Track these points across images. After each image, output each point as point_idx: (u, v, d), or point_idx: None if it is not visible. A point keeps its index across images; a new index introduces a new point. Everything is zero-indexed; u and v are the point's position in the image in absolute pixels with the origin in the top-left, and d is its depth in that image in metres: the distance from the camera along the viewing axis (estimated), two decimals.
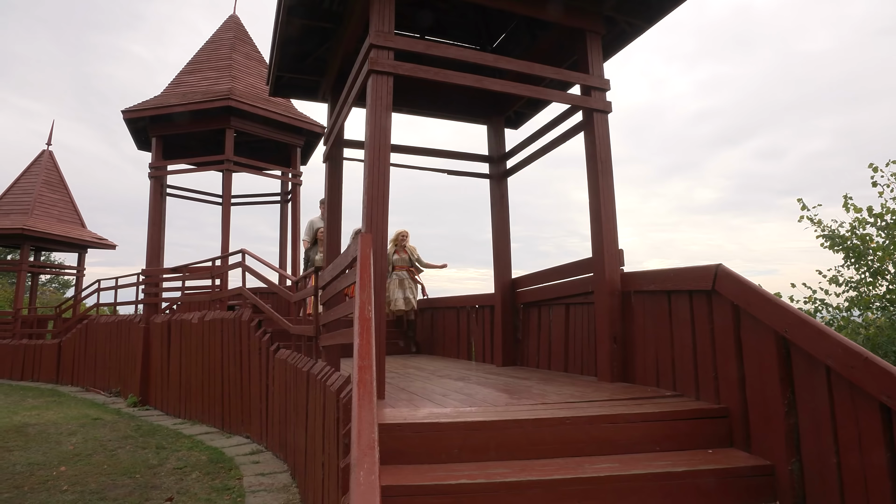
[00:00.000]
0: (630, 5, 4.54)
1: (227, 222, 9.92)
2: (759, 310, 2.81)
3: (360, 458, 1.89)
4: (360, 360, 2.42)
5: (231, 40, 11.50)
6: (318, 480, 3.84)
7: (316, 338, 4.64)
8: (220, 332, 7.69)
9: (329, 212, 5.39)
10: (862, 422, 2.31)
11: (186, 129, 10.26)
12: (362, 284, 2.91)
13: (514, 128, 6.61)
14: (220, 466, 5.53)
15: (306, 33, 5.07)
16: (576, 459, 2.69)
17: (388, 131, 3.74)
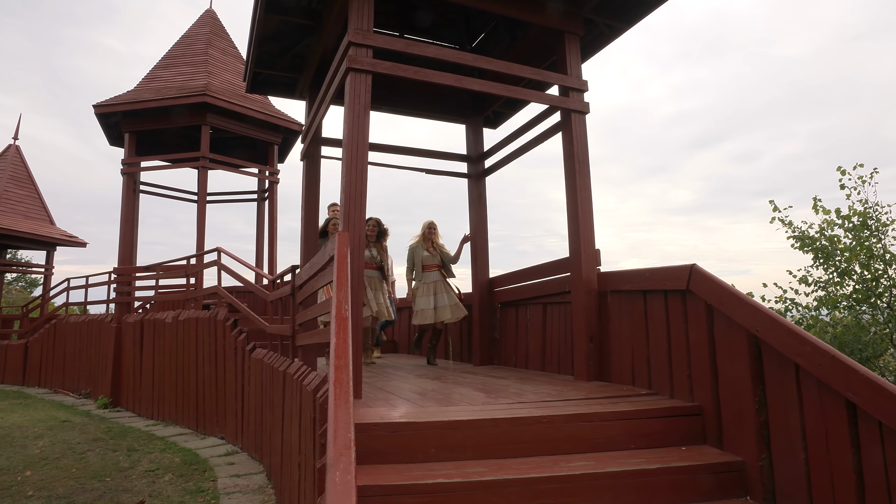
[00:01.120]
0: (609, 7, 4.59)
1: (202, 220, 9.76)
2: (732, 309, 2.86)
3: (336, 458, 1.87)
4: (337, 360, 2.40)
5: (207, 35, 11.31)
6: (294, 481, 3.80)
7: (293, 337, 4.59)
8: (195, 332, 7.56)
9: (306, 211, 5.34)
10: (829, 418, 2.37)
11: (161, 124, 10.06)
12: (339, 283, 2.88)
13: (493, 127, 6.63)
14: (194, 468, 5.43)
15: (284, 30, 5.01)
16: (552, 458, 2.71)
17: (366, 130, 3.71)
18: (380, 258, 6.06)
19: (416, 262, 6.02)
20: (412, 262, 6.04)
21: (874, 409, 2.16)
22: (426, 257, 6.00)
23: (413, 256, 6.03)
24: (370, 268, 5.90)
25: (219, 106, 9.70)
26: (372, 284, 5.84)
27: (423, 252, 6.00)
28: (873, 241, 6.61)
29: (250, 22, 5.09)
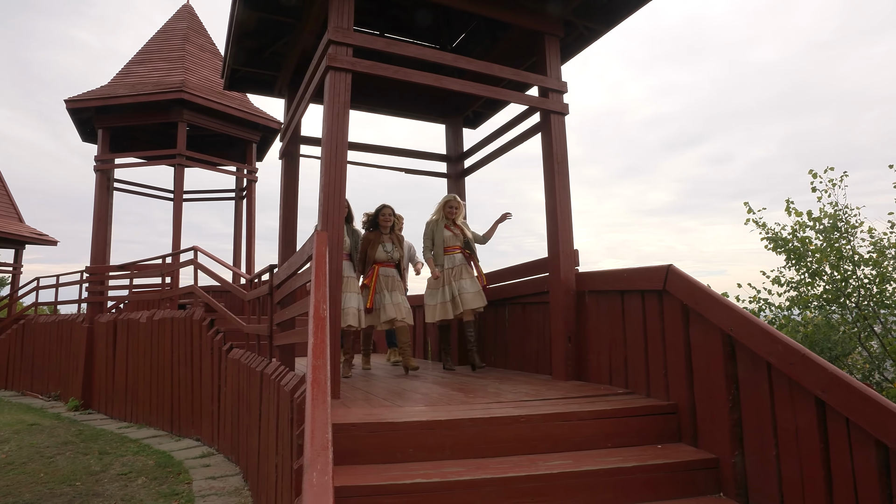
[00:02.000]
0: (588, 10, 4.62)
1: (178, 218, 9.59)
2: (707, 309, 2.91)
3: (313, 458, 1.85)
4: (315, 360, 2.38)
5: (184, 31, 11.13)
6: (271, 483, 3.76)
7: (270, 337, 4.54)
8: (171, 332, 7.44)
9: (284, 209, 5.28)
10: (799, 415, 2.43)
11: (136, 121, 9.87)
12: (317, 283, 2.86)
13: (473, 127, 6.64)
14: (169, 471, 5.34)
15: (263, 27, 4.96)
16: (530, 457, 2.72)
17: (345, 128, 3.69)
18: (397, 254, 5.11)
19: (436, 242, 5.08)
20: (431, 240, 5.12)
21: (842, 406, 2.21)
22: (448, 237, 5.06)
23: (433, 235, 5.11)
24: (387, 265, 5.03)
25: (196, 103, 9.55)
26: (388, 284, 4.96)
27: (443, 231, 5.07)
28: (843, 242, 6.77)
29: (228, 18, 5.02)
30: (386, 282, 4.97)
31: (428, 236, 5.15)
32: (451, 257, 5.07)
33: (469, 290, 4.89)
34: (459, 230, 5.14)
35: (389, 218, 5.09)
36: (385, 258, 4.99)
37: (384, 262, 4.99)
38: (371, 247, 4.99)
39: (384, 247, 5.03)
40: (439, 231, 5.08)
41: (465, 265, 5.03)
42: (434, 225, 5.14)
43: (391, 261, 5.02)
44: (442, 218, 5.13)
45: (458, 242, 5.10)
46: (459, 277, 4.97)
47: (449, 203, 5.14)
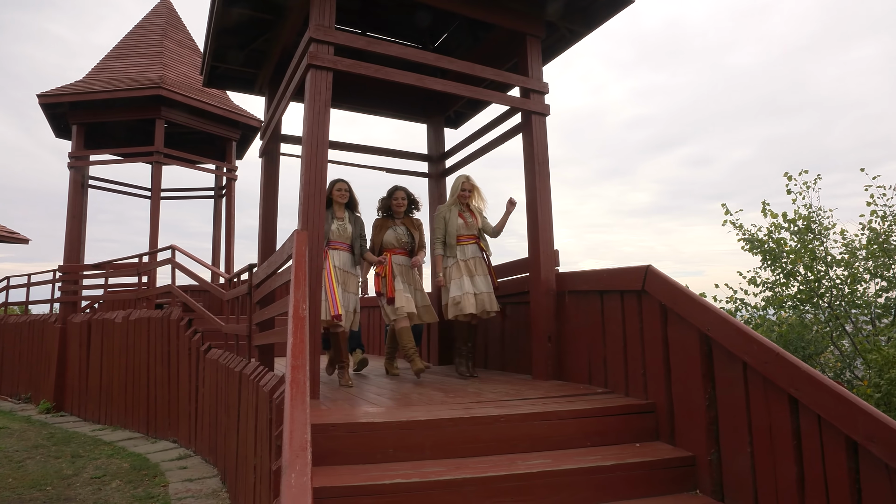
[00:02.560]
0: (570, 11, 4.66)
1: (156, 217, 9.43)
2: (685, 309, 2.95)
3: (291, 459, 1.84)
4: (294, 360, 2.36)
5: (163, 26, 10.94)
6: (249, 485, 3.72)
7: (249, 337, 4.49)
8: (147, 332, 7.31)
9: (264, 208, 5.23)
10: (773, 412, 2.47)
11: (112, 117, 9.67)
12: (297, 283, 2.83)
13: (454, 127, 6.64)
14: (144, 474, 5.25)
15: (244, 23, 4.89)
16: (510, 456, 2.73)
17: (326, 127, 3.67)
18: (411, 239, 4.59)
19: (448, 231, 4.42)
20: (443, 231, 4.44)
21: (814, 404, 2.26)
22: (461, 226, 4.43)
23: (445, 224, 4.45)
24: (399, 252, 4.52)
25: (174, 99, 9.40)
26: (403, 275, 4.46)
27: (456, 219, 4.44)
28: (816, 244, 6.93)
29: (208, 13, 4.95)
30: (400, 271, 4.44)
31: (439, 226, 4.47)
32: (463, 248, 4.41)
33: (483, 290, 4.31)
34: (475, 217, 4.53)
35: (402, 202, 4.61)
36: (395, 243, 4.50)
37: (395, 249, 4.51)
38: (379, 231, 4.58)
39: (395, 230, 4.56)
40: (452, 219, 4.43)
41: (480, 260, 4.42)
42: (447, 212, 4.47)
43: (402, 247, 4.53)
44: (455, 203, 4.49)
45: (472, 231, 4.47)
46: (480, 272, 4.36)
47: (462, 185, 4.49)
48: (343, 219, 4.32)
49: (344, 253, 4.26)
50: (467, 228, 4.46)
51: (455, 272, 4.37)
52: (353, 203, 4.45)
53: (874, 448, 2.03)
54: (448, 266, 4.41)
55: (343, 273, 4.19)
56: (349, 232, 4.30)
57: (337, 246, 4.23)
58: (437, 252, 4.46)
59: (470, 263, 4.37)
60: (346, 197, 4.35)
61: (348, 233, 4.29)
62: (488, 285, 4.36)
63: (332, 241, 4.20)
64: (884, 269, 6.67)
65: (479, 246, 4.47)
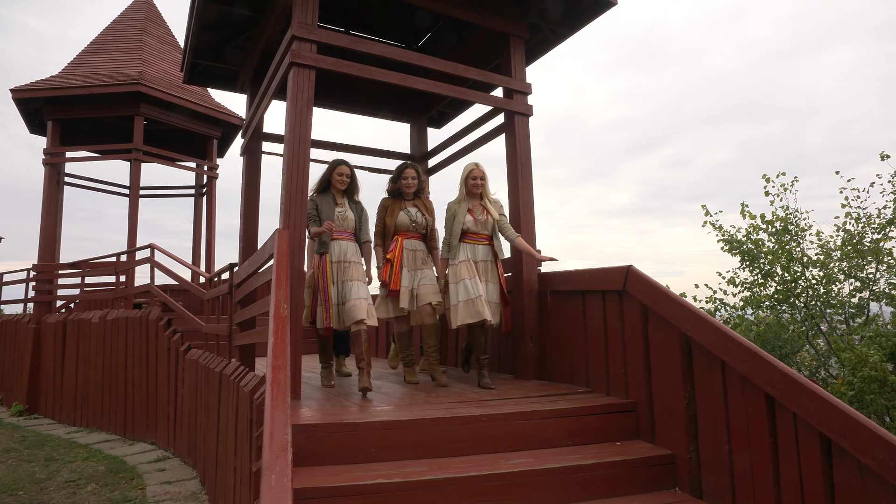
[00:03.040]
0: (553, 13, 4.68)
1: (134, 215, 9.28)
2: (665, 309, 2.98)
3: (271, 460, 1.82)
4: (275, 360, 2.34)
5: (142, 21, 10.77)
6: (229, 486, 3.67)
7: (230, 337, 4.44)
8: (125, 332, 7.19)
9: (245, 207, 5.18)
10: (750, 411, 2.51)
11: (89, 113, 9.49)
12: (278, 283, 2.81)
13: (437, 127, 6.64)
14: (121, 476, 5.16)
15: (225, 20, 4.84)
16: (492, 456, 2.74)
17: (308, 126, 3.64)
18: (425, 221, 4.09)
19: (453, 228, 3.89)
20: (449, 229, 3.95)
21: (790, 402, 2.30)
22: (469, 223, 3.87)
23: (452, 220, 3.93)
24: (412, 237, 4.02)
25: (154, 96, 9.25)
26: (415, 262, 3.95)
27: (464, 215, 3.89)
28: (793, 245, 7.05)
29: (189, 9, 4.88)
30: (411, 258, 3.96)
31: (448, 225, 3.98)
32: (473, 248, 3.85)
33: (492, 300, 3.78)
34: (487, 214, 3.91)
35: (413, 182, 4.09)
36: (408, 226, 4.01)
37: (407, 232, 4.02)
38: (389, 213, 4.06)
39: (407, 211, 4.03)
40: (459, 215, 3.89)
41: (491, 264, 3.87)
42: (456, 207, 3.95)
43: (417, 230, 4.05)
44: (464, 198, 3.94)
45: (484, 230, 3.89)
46: (490, 278, 3.81)
47: (471, 173, 3.92)
48: (343, 205, 3.90)
49: (345, 243, 3.80)
50: (477, 225, 3.87)
51: (461, 273, 3.76)
52: (354, 188, 4.01)
53: (846, 444, 2.07)
54: (454, 263, 3.84)
55: (344, 265, 3.73)
56: (351, 219, 3.87)
57: (336, 236, 3.79)
58: (443, 255, 3.99)
59: (480, 267, 3.80)
60: (346, 183, 3.92)
61: (350, 220, 3.87)
62: (496, 294, 3.83)
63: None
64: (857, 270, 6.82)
65: (491, 249, 3.91)
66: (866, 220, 6.95)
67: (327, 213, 3.77)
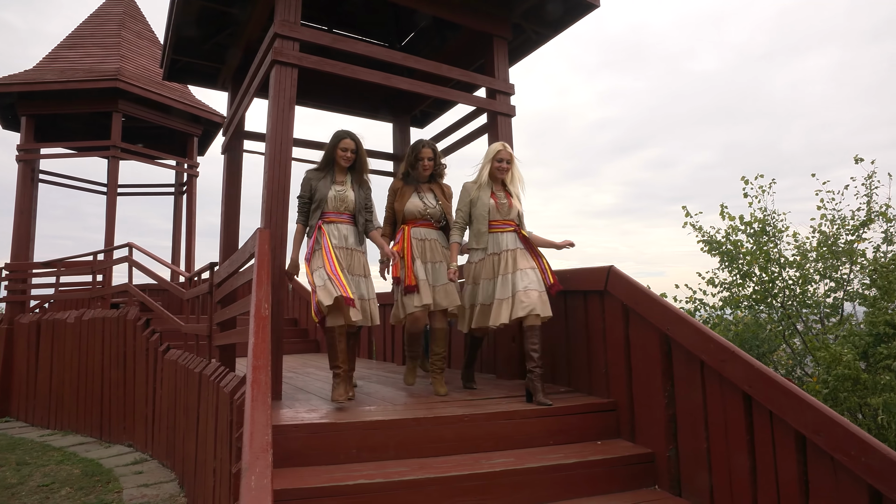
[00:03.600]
0: (537, 14, 4.70)
1: (112, 213, 9.12)
2: (646, 309, 3.01)
3: (251, 461, 1.81)
4: (255, 360, 2.32)
5: (120, 16, 10.58)
6: (208, 488, 3.63)
7: (210, 337, 4.38)
8: (102, 333, 7.06)
9: (226, 206, 5.12)
10: (728, 409, 2.55)
11: (65, 109, 9.30)
12: (259, 282, 2.78)
13: (420, 127, 6.64)
14: (97, 480, 5.06)
15: (206, 16, 4.78)
16: (473, 455, 2.75)
17: (290, 125, 3.61)
18: (439, 209, 3.62)
19: (474, 214, 3.49)
20: (465, 213, 3.53)
21: (766, 400, 2.34)
22: (492, 208, 3.46)
23: (470, 204, 3.52)
24: (425, 225, 3.57)
25: (132, 92, 9.10)
26: (429, 253, 3.51)
27: (487, 199, 3.47)
28: (770, 246, 7.17)
29: (169, 4, 4.81)
30: (423, 248, 3.49)
31: (462, 207, 3.55)
32: (497, 238, 3.46)
33: (533, 287, 3.29)
34: (510, 200, 3.51)
35: (429, 165, 3.60)
36: (419, 213, 3.54)
37: (418, 221, 3.56)
38: (399, 198, 3.60)
39: (419, 196, 3.58)
40: (483, 198, 3.48)
41: (522, 251, 3.45)
42: (474, 189, 3.53)
43: (429, 218, 3.57)
44: (486, 182, 3.51)
45: (509, 215, 3.50)
46: (514, 268, 3.37)
47: (497, 154, 3.52)
48: (343, 183, 3.39)
49: (344, 226, 3.31)
50: (500, 212, 3.48)
51: (483, 269, 3.44)
52: (361, 166, 3.47)
53: (820, 441, 2.11)
54: (475, 262, 3.50)
55: (346, 252, 3.27)
56: (351, 200, 3.37)
57: (333, 218, 3.30)
58: (455, 239, 3.57)
59: (507, 257, 3.40)
60: (351, 160, 3.41)
61: (350, 201, 3.36)
62: (539, 281, 3.36)
63: (326, 213, 3.30)
64: (832, 271, 6.96)
65: (518, 234, 3.49)
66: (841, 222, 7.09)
67: (322, 193, 3.31)
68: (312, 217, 3.33)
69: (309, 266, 3.22)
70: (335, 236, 3.27)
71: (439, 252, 3.54)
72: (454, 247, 3.56)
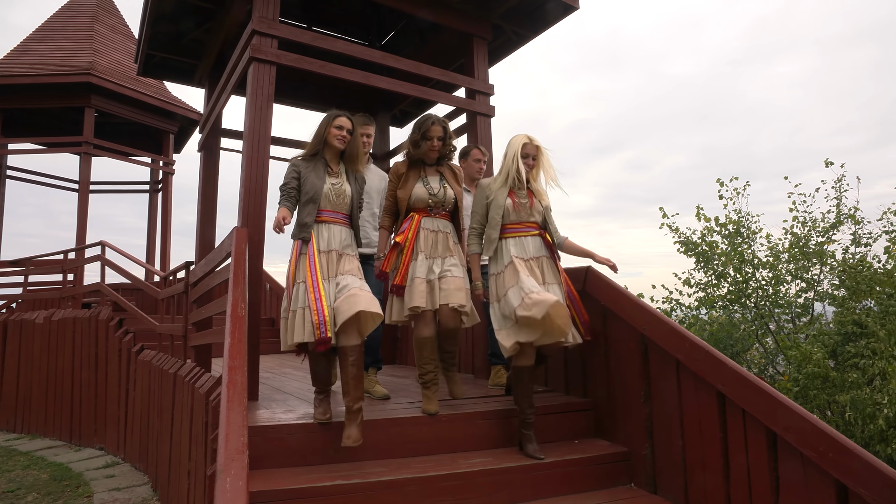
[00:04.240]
0: (517, 15, 4.72)
1: (84, 211, 8.91)
2: (623, 309, 3.05)
3: (227, 463, 1.78)
4: (231, 360, 2.28)
5: (93, 9, 10.34)
6: (182, 491, 3.57)
7: (185, 337, 4.31)
8: (72, 333, 6.89)
9: (203, 204, 5.04)
10: (702, 408, 2.60)
11: (34, 103, 9.06)
12: (236, 281, 2.74)
13: (400, 126, 6.62)
14: (66, 484, 4.94)
15: (183, 11, 4.69)
16: (451, 455, 2.75)
17: (268, 122, 3.57)
18: (450, 194, 3.13)
19: (489, 218, 3.00)
20: (481, 215, 3.05)
21: (739, 398, 2.39)
22: (509, 209, 2.97)
23: (487, 206, 3.02)
24: (439, 216, 3.10)
25: (105, 87, 8.90)
26: (436, 246, 3.03)
27: (503, 199, 2.97)
28: (745, 247, 7.32)
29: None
30: (433, 242, 3.03)
31: (478, 209, 3.05)
32: (520, 242, 2.96)
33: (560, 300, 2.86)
34: (531, 200, 3.03)
35: (438, 145, 3.07)
36: (425, 201, 3.06)
37: (425, 209, 3.07)
38: (402, 183, 3.11)
39: (425, 182, 3.09)
40: (498, 198, 2.97)
41: (548, 260, 2.99)
42: (492, 188, 3.01)
43: (438, 206, 3.08)
44: (510, 177, 2.97)
45: (532, 217, 3.02)
46: (549, 279, 2.94)
47: (524, 148, 2.99)
48: (338, 175, 2.89)
49: (337, 227, 2.80)
50: (518, 213, 2.98)
51: (510, 276, 2.85)
52: (356, 152, 2.95)
53: (790, 438, 2.16)
54: (499, 272, 2.93)
55: (338, 257, 2.76)
56: (347, 195, 2.86)
57: (327, 217, 2.80)
58: (474, 248, 3.08)
59: (534, 265, 2.92)
60: (346, 141, 2.90)
61: (346, 197, 2.85)
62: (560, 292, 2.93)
63: (321, 211, 2.79)
64: (803, 272, 7.14)
65: (543, 240, 3.02)
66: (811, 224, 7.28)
67: (315, 186, 2.77)
68: (304, 213, 2.75)
69: (292, 276, 2.72)
70: (324, 240, 2.75)
71: (447, 245, 3.06)
72: (475, 259, 3.07)
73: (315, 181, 2.79)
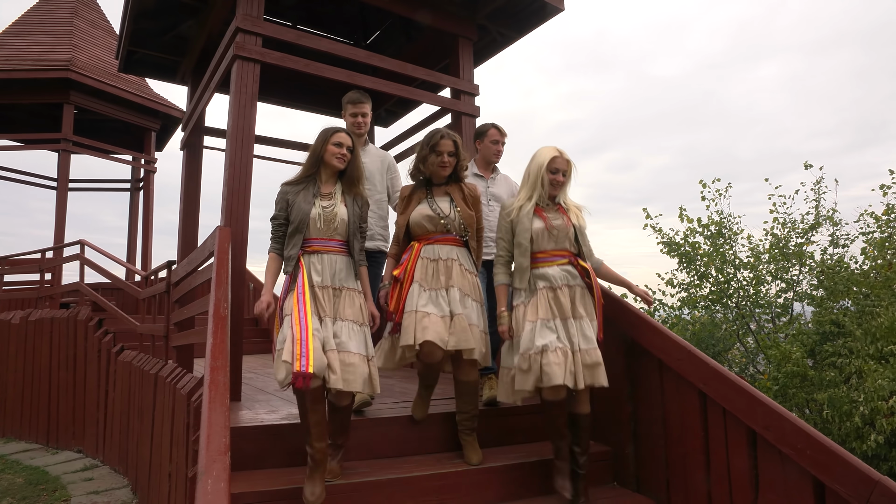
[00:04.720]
0: (502, 15, 4.73)
1: (62, 209, 8.75)
2: (608, 310, 3.07)
3: (208, 465, 1.76)
4: (214, 361, 2.25)
5: (73, 3, 10.16)
6: (163, 494, 3.52)
7: (166, 337, 4.26)
8: (50, 334, 6.76)
9: (185, 203, 4.98)
10: (684, 407, 2.63)
11: (11, 99, 8.86)
12: (218, 281, 2.72)
13: (385, 126, 6.61)
14: (42, 488, 4.84)
15: (165, 6, 4.63)
16: (435, 455, 2.75)
17: (252, 121, 3.54)
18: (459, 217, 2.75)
19: (517, 242, 2.66)
20: (507, 241, 2.72)
21: (720, 397, 2.42)
22: (540, 233, 2.64)
23: (513, 231, 2.68)
24: (444, 241, 2.74)
25: (85, 84, 8.75)
26: (439, 276, 2.67)
27: (529, 221, 2.64)
28: (726, 248, 7.42)
29: None
30: (433, 271, 2.67)
31: (504, 235, 2.74)
32: (548, 274, 2.62)
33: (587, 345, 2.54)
34: (566, 219, 2.69)
35: (449, 161, 2.74)
36: (430, 224, 2.73)
37: (431, 235, 2.73)
38: (403, 208, 2.83)
39: (430, 203, 2.74)
40: (524, 220, 2.64)
41: (583, 290, 2.65)
42: (516, 209, 2.68)
43: (445, 230, 2.73)
44: (540, 194, 2.65)
45: (563, 244, 2.67)
46: (574, 312, 2.59)
47: (553, 162, 2.65)
48: (331, 197, 2.55)
49: (331, 256, 2.48)
50: (553, 238, 2.64)
51: (531, 312, 2.56)
52: (355, 173, 2.61)
53: (769, 436, 2.20)
54: (519, 303, 2.64)
55: (332, 292, 2.44)
56: (343, 219, 2.52)
57: (318, 246, 2.48)
58: (501, 280, 2.75)
59: (562, 296, 2.57)
60: (346, 160, 2.58)
61: (341, 220, 2.52)
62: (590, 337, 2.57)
63: (309, 240, 2.48)
64: (783, 272, 7.25)
65: (576, 266, 2.65)
66: (791, 225, 7.39)
67: (302, 211, 2.46)
68: (290, 245, 2.46)
69: (279, 310, 2.43)
70: (317, 271, 2.43)
71: (461, 276, 2.68)
72: (501, 290, 2.73)
73: (302, 206, 2.48)
